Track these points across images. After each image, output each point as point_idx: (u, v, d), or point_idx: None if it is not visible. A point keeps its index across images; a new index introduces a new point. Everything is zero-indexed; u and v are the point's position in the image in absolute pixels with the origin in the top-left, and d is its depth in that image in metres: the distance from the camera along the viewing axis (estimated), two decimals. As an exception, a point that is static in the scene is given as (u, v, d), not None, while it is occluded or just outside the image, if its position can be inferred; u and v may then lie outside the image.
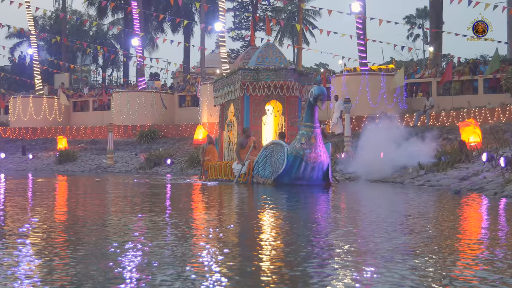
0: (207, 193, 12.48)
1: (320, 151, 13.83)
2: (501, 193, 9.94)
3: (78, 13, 60.60)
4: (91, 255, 4.39)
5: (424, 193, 11.48)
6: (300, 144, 13.77)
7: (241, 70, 16.54)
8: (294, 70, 16.76)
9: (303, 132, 13.88)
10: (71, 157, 29.98)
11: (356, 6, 27.43)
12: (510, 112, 21.82)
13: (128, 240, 5.12)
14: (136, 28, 35.41)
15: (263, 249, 4.74)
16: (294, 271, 3.83)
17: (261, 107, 16.72)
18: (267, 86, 16.37)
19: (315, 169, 13.91)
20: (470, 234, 5.83)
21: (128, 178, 20.13)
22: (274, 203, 9.80)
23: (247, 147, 15.74)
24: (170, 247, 4.71)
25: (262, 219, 7.19)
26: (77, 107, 38.42)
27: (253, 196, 11.72)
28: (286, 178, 14.05)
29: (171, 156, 26.81)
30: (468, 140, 17.29)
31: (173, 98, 34.59)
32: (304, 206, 9.50)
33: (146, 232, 5.81)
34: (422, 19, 60.55)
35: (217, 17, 33.13)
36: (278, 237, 5.55)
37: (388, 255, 4.31)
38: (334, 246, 4.81)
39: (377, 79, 26.99)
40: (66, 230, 5.96)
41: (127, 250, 4.51)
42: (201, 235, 5.64)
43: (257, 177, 15.00)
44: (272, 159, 14.44)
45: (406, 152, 16.50)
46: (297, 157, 13.79)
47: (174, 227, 6.24)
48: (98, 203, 9.80)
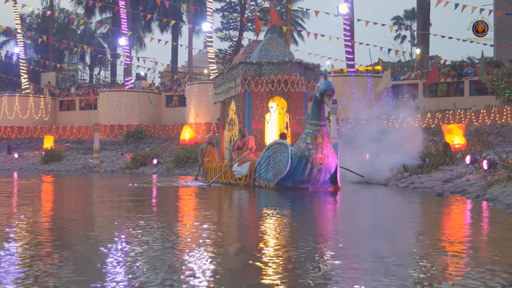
0: (201, 200, 11.37)
1: (327, 152, 12.80)
2: (483, 196, 9.99)
3: (66, 11, 60.25)
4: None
5: (407, 196, 11.51)
6: (305, 144, 12.73)
7: (242, 64, 15.47)
8: (300, 64, 15.39)
9: (308, 131, 12.80)
10: (57, 156, 29.82)
11: (344, 7, 27.49)
12: (495, 114, 21.96)
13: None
14: (123, 28, 35.29)
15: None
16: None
17: (264, 104, 15.59)
18: (270, 81, 15.29)
19: (321, 171, 12.86)
20: (429, 237, 5.85)
21: (115, 179, 20.02)
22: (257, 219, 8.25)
23: (244, 148, 14.87)
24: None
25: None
26: (64, 106, 38.20)
27: (245, 205, 10.77)
28: (290, 181, 13.08)
29: (157, 156, 26.74)
30: (452, 142, 17.38)
31: (160, 98, 34.49)
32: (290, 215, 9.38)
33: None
34: (410, 21, 60.70)
35: (205, 17, 33.08)
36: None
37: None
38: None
39: (364, 81, 27.09)
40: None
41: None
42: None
43: (259, 180, 14.03)
44: (275, 160, 13.44)
45: (391, 154, 16.58)
46: (302, 158, 12.76)
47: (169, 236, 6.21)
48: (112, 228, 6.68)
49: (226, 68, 17.72)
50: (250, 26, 42.09)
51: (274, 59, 15.44)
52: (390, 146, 17.28)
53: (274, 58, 15.49)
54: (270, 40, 16.17)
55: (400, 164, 16.14)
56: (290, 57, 15.75)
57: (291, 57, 15.80)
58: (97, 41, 60.59)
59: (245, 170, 14.49)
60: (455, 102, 25.17)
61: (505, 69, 23.19)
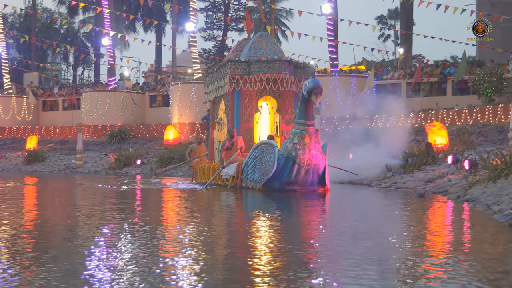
0: (184, 205, 10.96)
1: (315, 152, 12.49)
2: (464, 196, 10.04)
3: (49, 11, 59.81)
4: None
5: (389, 197, 11.56)
6: (292, 144, 12.42)
7: (231, 62, 15.13)
8: (289, 62, 15.10)
9: (296, 131, 12.48)
10: (39, 157, 29.60)
11: (327, 7, 27.53)
12: (477, 114, 22.12)
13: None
14: (106, 27, 35.10)
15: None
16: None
17: (253, 103, 15.22)
18: (259, 79, 14.91)
19: (309, 173, 12.55)
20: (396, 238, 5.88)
21: (100, 180, 19.90)
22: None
23: (232, 149, 14.52)
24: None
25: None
26: (47, 106, 37.91)
27: (223, 208, 10.75)
28: (277, 182, 12.78)
29: (141, 157, 26.63)
30: (434, 142, 17.48)
31: (143, 98, 34.34)
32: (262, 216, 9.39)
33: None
34: (394, 20, 60.94)
35: (189, 17, 33.00)
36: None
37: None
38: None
39: (347, 81, 27.17)
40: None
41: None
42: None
43: (246, 181, 13.71)
44: (262, 161, 13.10)
45: (375, 154, 16.66)
46: (289, 159, 12.45)
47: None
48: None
49: (215, 67, 17.28)
50: (234, 26, 42.04)
51: (264, 57, 15.08)
52: (373, 146, 17.39)
53: (264, 56, 15.13)
54: (260, 38, 15.81)
55: (383, 164, 16.24)
56: (280, 55, 15.40)
57: (281, 55, 15.46)
58: (80, 40, 60.18)
59: (232, 171, 14.15)
60: (437, 102, 25.31)
61: (487, 69, 23.38)
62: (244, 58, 15.24)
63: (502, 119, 21.01)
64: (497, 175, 10.19)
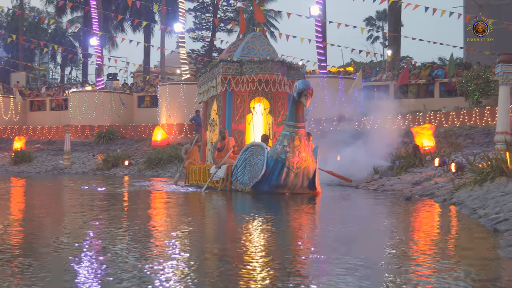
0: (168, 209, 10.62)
1: (305, 155, 12.18)
2: (450, 200, 10.07)
3: (37, 10, 59.53)
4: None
5: (377, 200, 11.59)
6: (282, 147, 12.14)
7: (223, 62, 14.84)
8: (282, 63, 14.77)
9: (285, 133, 12.20)
10: (26, 157, 29.43)
11: (315, 9, 27.60)
12: (464, 116, 22.27)
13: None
14: (94, 28, 34.98)
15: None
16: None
17: (246, 104, 14.97)
18: (251, 80, 14.66)
19: (298, 176, 12.20)
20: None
21: (90, 181, 19.82)
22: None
23: (224, 150, 14.26)
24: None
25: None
26: (34, 106, 37.74)
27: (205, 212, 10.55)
28: (266, 185, 12.43)
29: (129, 158, 26.55)
30: (422, 144, 17.55)
31: (132, 98, 34.25)
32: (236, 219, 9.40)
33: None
34: (382, 21, 61.19)
35: (177, 17, 32.97)
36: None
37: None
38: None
39: (335, 82, 27.26)
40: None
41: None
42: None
43: (236, 184, 13.38)
44: (251, 163, 12.81)
45: (363, 155, 16.73)
46: (278, 162, 12.13)
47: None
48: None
49: (208, 66, 16.99)
50: (223, 26, 42.01)
51: (257, 57, 14.78)
52: (361, 147, 17.46)
53: (257, 57, 14.82)
54: (254, 38, 15.50)
55: (370, 166, 16.31)
56: (274, 56, 15.05)
57: (274, 56, 15.12)
58: (68, 40, 59.96)
59: (222, 173, 13.82)
60: (425, 104, 25.45)
61: (474, 71, 23.55)
62: (236, 58, 14.96)
63: (489, 121, 21.16)
64: (483, 178, 10.24)
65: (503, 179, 9.70)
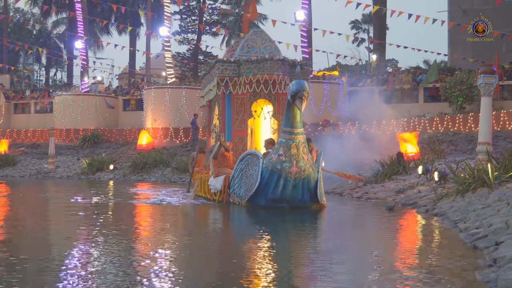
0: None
1: (303, 165, 10.90)
2: (432, 210, 10.13)
3: (21, 11, 59.19)
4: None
5: (360, 210, 11.63)
6: (277, 156, 10.90)
7: (218, 63, 13.74)
8: (283, 61, 13.45)
9: (281, 140, 10.92)
10: (10, 161, 29.22)
11: (301, 14, 27.70)
12: (448, 122, 22.45)
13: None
14: (80, 31, 34.84)
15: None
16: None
17: (246, 107, 13.81)
18: (248, 81, 13.49)
19: (297, 188, 10.95)
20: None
21: (73, 187, 19.72)
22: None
23: (219, 156, 13.01)
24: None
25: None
26: (18, 109, 37.51)
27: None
28: (262, 199, 11.21)
29: (114, 162, 26.45)
30: (406, 151, 17.66)
31: (117, 101, 34.13)
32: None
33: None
34: (368, 24, 61.43)
35: (163, 21, 32.93)
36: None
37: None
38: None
39: (320, 87, 27.34)
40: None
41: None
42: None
43: (233, 196, 12.20)
44: (247, 174, 11.62)
45: (348, 162, 16.82)
46: (273, 172, 10.92)
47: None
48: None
49: (208, 67, 15.82)
50: (208, 30, 42.00)
51: (258, 56, 13.62)
52: (346, 153, 17.54)
53: (257, 55, 13.67)
54: (254, 35, 14.25)
55: (355, 172, 16.40)
56: (275, 54, 13.81)
57: (277, 54, 13.84)
58: (53, 41, 59.66)
59: (219, 185, 12.65)
60: (409, 110, 25.59)
61: (458, 77, 23.74)
62: (234, 58, 13.88)
63: (472, 127, 21.34)
64: (465, 189, 10.34)
65: (485, 190, 9.81)
